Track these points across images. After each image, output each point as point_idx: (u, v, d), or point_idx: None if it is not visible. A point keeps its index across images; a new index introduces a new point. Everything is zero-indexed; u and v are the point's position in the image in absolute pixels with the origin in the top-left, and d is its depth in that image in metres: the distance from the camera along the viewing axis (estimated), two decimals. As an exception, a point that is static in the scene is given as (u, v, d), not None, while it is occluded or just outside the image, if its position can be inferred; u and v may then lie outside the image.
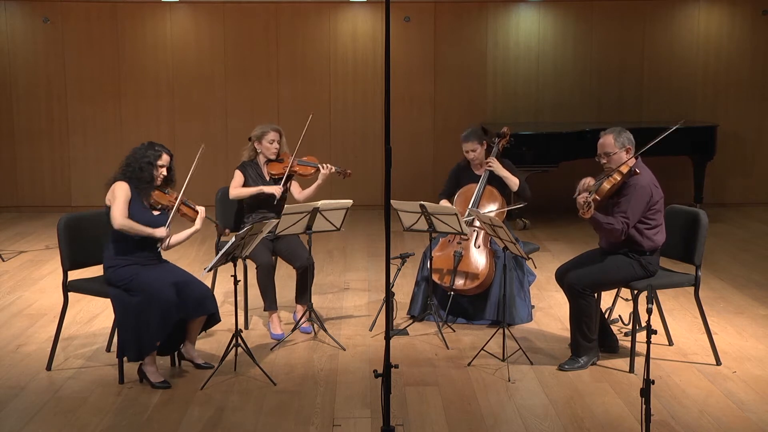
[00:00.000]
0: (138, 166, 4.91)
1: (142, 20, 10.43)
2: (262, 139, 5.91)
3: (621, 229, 4.84)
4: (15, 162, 10.55)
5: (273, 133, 5.90)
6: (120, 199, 4.84)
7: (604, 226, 4.87)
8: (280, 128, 5.98)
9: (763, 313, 6.16)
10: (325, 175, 5.90)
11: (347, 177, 6.03)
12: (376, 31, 10.51)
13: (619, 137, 4.97)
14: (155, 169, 4.94)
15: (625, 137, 4.98)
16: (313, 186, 5.98)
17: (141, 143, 5.05)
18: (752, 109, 10.66)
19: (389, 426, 3.77)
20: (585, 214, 4.78)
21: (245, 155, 6.01)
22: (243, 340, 4.99)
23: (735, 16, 10.56)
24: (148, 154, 4.93)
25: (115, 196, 4.86)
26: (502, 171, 6.01)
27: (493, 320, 5.83)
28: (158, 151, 4.96)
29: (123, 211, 4.83)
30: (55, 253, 7.55)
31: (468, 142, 6.05)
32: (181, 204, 5.02)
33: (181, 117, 10.58)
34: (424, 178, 10.43)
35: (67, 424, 4.34)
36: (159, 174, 4.97)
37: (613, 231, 4.86)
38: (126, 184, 4.89)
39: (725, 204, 10.65)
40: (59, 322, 5.15)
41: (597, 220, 4.85)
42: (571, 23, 10.56)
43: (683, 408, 4.50)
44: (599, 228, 4.93)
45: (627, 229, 4.86)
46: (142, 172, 4.91)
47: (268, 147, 5.90)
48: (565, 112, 10.58)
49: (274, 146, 5.90)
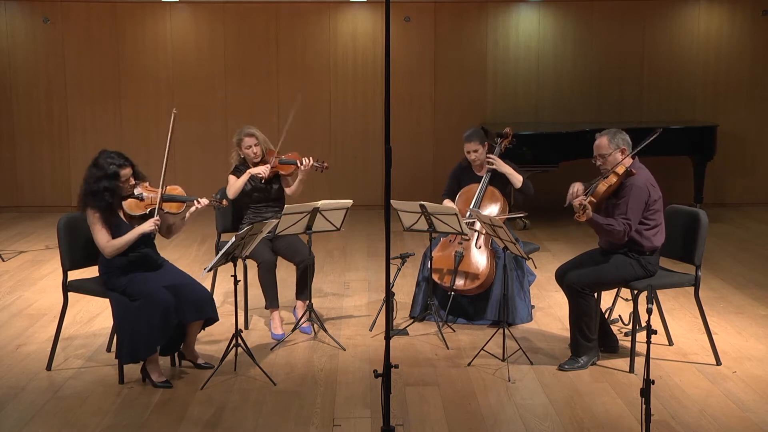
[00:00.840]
0: (93, 194, 4.71)
1: (142, 20, 10.43)
2: (241, 146, 5.92)
3: (623, 230, 4.84)
4: (15, 162, 10.55)
5: (248, 139, 5.88)
6: (98, 227, 4.75)
7: (604, 227, 4.87)
8: (253, 130, 5.91)
9: (763, 313, 6.17)
10: (305, 171, 5.88)
11: (325, 170, 5.99)
12: (376, 31, 10.51)
13: (614, 139, 4.97)
14: (117, 189, 4.73)
15: (620, 138, 4.98)
16: (297, 183, 5.96)
17: (94, 160, 4.76)
18: (752, 109, 10.66)
19: (389, 426, 3.77)
20: (581, 217, 4.77)
21: (234, 160, 6.00)
22: (243, 340, 4.99)
23: (735, 16, 10.56)
24: (103, 179, 4.68)
25: (92, 226, 4.75)
26: (505, 167, 5.99)
27: (493, 320, 5.83)
28: (114, 170, 4.69)
29: (106, 236, 4.76)
30: (55, 253, 7.55)
31: (470, 143, 6.04)
32: (163, 202, 4.89)
33: (181, 117, 10.50)
34: (424, 178, 10.43)
35: (67, 424, 4.34)
36: (126, 186, 4.79)
37: (613, 232, 4.86)
38: (94, 211, 4.74)
39: (725, 204, 10.64)
40: (59, 322, 5.15)
41: (596, 222, 4.84)
42: (571, 23, 10.55)
43: (683, 408, 4.50)
44: (599, 230, 4.93)
45: (629, 230, 4.85)
46: (98, 200, 4.70)
47: (248, 153, 5.91)
48: (565, 112, 10.58)
49: (253, 150, 5.89)
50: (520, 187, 6.02)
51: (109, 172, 4.72)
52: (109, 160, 4.75)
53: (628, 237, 4.89)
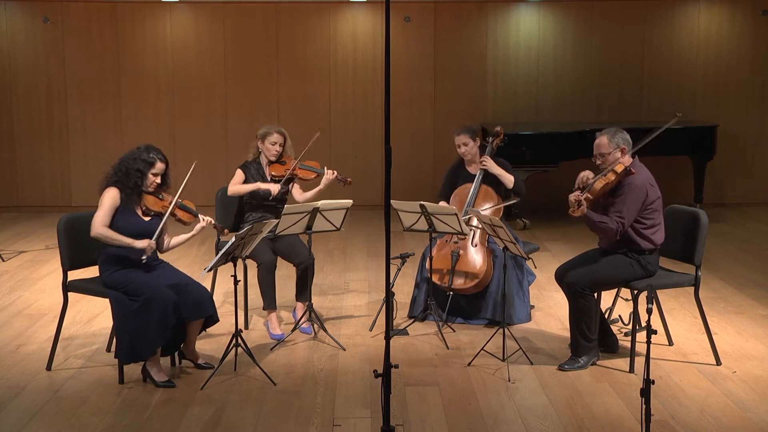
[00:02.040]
0: (125, 170, 4.86)
1: (142, 20, 10.43)
2: (265, 140, 5.89)
3: (615, 228, 4.84)
4: (15, 162, 10.55)
5: (276, 136, 5.88)
6: (105, 207, 4.81)
7: (597, 224, 4.87)
8: (285, 132, 5.94)
9: (763, 313, 6.17)
10: (328, 179, 5.87)
11: (347, 185, 6.01)
12: (376, 31, 10.51)
13: (614, 138, 4.98)
14: (145, 177, 4.88)
15: (620, 137, 4.98)
16: (314, 190, 5.95)
17: (139, 145, 4.99)
18: (752, 109, 10.67)
19: (389, 426, 3.77)
20: (575, 212, 4.79)
21: (251, 153, 6.01)
22: (243, 340, 4.99)
23: (735, 17, 10.56)
24: (140, 161, 4.87)
25: (102, 203, 4.83)
26: (497, 169, 6.02)
27: (490, 319, 5.83)
28: (152, 159, 4.89)
29: (104, 219, 4.80)
30: (55, 253, 7.55)
31: (459, 136, 6.10)
32: (176, 208, 4.97)
33: (181, 117, 10.58)
34: (424, 178, 10.43)
35: (67, 424, 4.34)
36: (152, 182, 4.92)
37: (606, 230, 4.86)
38: (116, 190, 4.85)
39: (725, 204, 10.65)
40: (59, 322, 5.15)
41: (590, 218, 4.85)
42: (571, 23, 10.56)
43: (683, 408, 4.50)
44: (593, 227, 4.93)
45: (623, 228, 4.86)
46: (128, 177, 4.86)
47: (269, 148, 5.89)
48: (565, 112, 10.59)
49: (275, 148, 5.88)
50: (513, 188, 6.05)
51: (148, 158, 4.90)
52: (153, 151, 4.95)
53: (620, 236, 4.89)
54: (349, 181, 5.97)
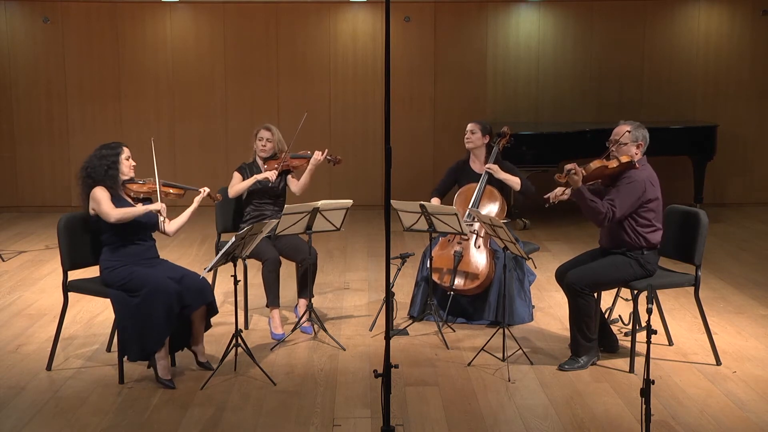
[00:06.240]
0: (102, 169, 4.96)
1: (142, 20, 10.43)
2: (256, 138, 6.01)
3: (604, 213, 4.82)
4: (15, 162, 10.55)
5: (263, 131, 6.00)
6: (104, 199, 4.89)
7: (588, 203, 4.82)
8: (272, 127, 6.03)
9: (763, 313, 6.17)
10: (317, 160, 5.90)
11: (338, 164, 6.05)
12: (376, 31, 10.51)
13: (635, 131, 4.97)
14: (121, 165, 5.00)
15: (640, 133, 4.98)
16: (305, 174, 5.98)
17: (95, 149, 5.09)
18: (752, 109, 10.67)
19: (389, 426, 3.77)
20: (561, 178, 4.79)
21: (251, 155, 6.09)
22: (243, 340, 4.99)
23: (735, 16, 10.56)
24: (106, 156, 4.99)
25: (98, 200, 4.89)
26: (502, 174, 6.01)
27: (492, 320, 5.83)
28: (115, 149, 5.03)
29: (111, 206, 4.89)
30: (55, 253, 7.55)
31: (471, 124, 6.15)
32: (162, 185, 5.09)
33: (181, 117, 10.58)
34: (424, 178, 10.43)
35: (67, 424, 4.34)
36: (129, 166, 5.05)
37: (595, 210, 4.82)
38: (101, 188, 4.93)
39: (725, 204, 10.65)
40: (59, 322, 5.15)
41: (582, 194, 4.82)
42: (571, 23, 10.56)
43: (683, 408, 4.50)
44: (583, 204, 4.86)
45: (612, 216, 4.83)
46: (106, 174, 4.96)
47: (258, 144, 5.99)
48: (565, 112, 10.59)
49: (263, 144, 5.98)
50: (520, 189, 6.05)
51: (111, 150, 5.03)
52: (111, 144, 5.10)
53: (608, 222, 4.86)
54: (339, 159, 6.05)
